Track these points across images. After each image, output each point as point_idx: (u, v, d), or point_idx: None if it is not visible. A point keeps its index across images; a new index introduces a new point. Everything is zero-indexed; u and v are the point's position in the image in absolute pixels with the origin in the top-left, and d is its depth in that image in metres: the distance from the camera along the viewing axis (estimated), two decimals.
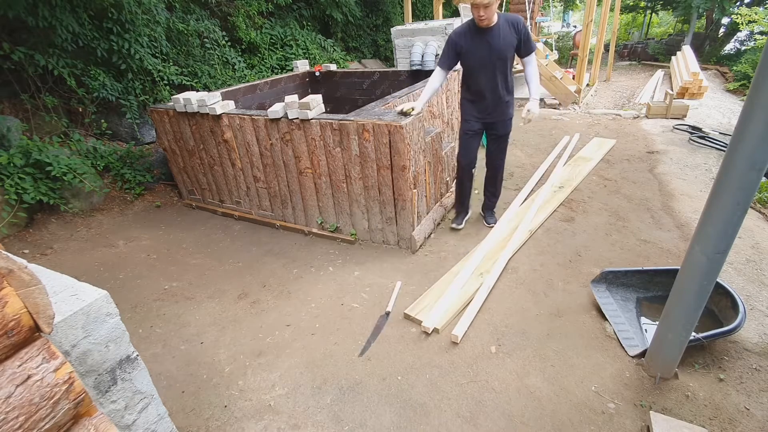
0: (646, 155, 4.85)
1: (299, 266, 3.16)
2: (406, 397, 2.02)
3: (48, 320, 0.88)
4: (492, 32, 2.71)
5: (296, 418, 1.96)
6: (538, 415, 1.89)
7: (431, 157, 3.23)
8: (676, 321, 1.82)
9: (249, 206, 3.90)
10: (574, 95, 7.20)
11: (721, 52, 12.48)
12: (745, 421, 1.80)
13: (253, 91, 4.53)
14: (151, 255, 3.47)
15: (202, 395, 2.12)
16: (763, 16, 8.63)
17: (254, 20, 6.50)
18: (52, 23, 3.85)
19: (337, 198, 3.28)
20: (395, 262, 3.08)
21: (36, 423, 0.85)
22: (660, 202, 3.72)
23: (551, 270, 2.88)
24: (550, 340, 2.29)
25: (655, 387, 1.97)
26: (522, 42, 2.78)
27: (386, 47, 9.20)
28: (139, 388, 1.29)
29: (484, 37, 2.72)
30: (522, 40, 2.77)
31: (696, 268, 1.66)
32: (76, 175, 3.74)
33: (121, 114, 4.63)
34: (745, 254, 2.92)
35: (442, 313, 2.48)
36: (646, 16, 17.43)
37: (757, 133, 1.35)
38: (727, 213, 1.50)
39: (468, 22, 2.77)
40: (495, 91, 2.91)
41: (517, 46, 2.78)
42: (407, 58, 5.10)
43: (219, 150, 3.69)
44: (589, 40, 7.24)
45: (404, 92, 3.66)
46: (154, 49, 4.80)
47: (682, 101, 6.55)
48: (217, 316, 2.69)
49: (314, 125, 3.03)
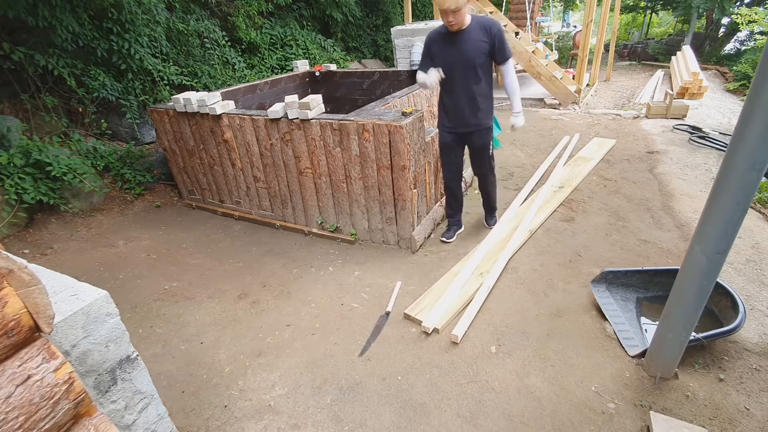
0: (646, 155, 4.85)
1: (299, 266, 3.16)
2: (406, 397, 2.02)
3: (48, 320, 0.88)
4: (462, 36, 2.57)
5: (296, 418, 1.96)
6: (538, 415, 1.89)
7: (431, 157, 3.23)
8: (676, 321, 1.82)
9: (249, 206, 3.90)
10: (574, 95, 7.20)
11: (721, 52, 12.48)
12: (745, 421, 1.80)
13: (253, 91, 4.53)
14: (151, 255, 3.47)
15: (202, 395, 2.12)
16: (763, 16, 8.63)
17: (254, 20, 6.50)
18: (52, 23, 3.85)
19: (337, 198, 3.28)
20: (395, 262, 3.08)
21: (36, 423, 0.85)
22: (660, 202, 3.72)
23: (551, 270, 2.88)
24: (550, 340, 2.29)
25: (655, 387, 1.97)
26: (495, 48, 2.59)
27: (386, 47, 9.20)
28: (139, 388, 1.29)
29: (454, 42, 2.59)
30: (495, 45, 2.58)
31: (696, 268, 1.66)
32: (76, 175, 3.74)
33: (121, 114, 4.63)
34: (745, 254, 2.92)
35: (442, 313, 2.48)
36: (646, 16, 17.43)
37: (757, 133, 1.35)
38: (727, 213, 1.50)
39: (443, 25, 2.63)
40: (466, 98, 2.73)
41: (489, 51, 2.60)
42: (407, 58, 5.10)
43: (219, 150, 3.69)
44: (589, 40, 7.24)
45: (404, 92, 3.66)
46: (154, 49, 4.80)
47: (682, 101, 6.55)
48: (217, 316, 2.69)
49: (314, 125, 3.03)
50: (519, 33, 7.76)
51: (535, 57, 7.21)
